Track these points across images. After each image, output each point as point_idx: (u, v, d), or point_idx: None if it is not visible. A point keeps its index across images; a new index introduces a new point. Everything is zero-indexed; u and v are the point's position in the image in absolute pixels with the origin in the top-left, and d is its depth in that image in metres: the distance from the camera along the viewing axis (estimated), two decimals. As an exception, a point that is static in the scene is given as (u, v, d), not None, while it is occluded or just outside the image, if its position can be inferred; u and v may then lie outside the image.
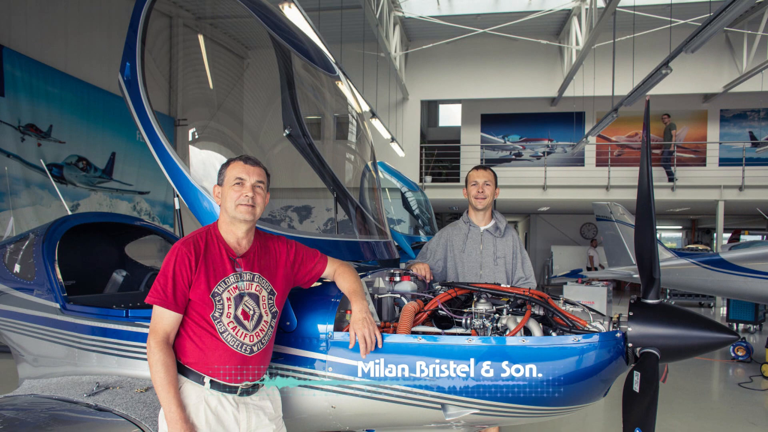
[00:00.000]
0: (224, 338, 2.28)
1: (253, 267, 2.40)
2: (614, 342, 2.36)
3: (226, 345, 2.29)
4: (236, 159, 2.44)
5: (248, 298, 2.34)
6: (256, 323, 2.34)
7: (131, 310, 3.07)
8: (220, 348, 2.29)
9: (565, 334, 2.45)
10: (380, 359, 2.42)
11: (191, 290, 2.27)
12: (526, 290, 2.77)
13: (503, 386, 2.36)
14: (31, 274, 3.70)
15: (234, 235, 2.39)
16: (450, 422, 2.48)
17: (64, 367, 3.38)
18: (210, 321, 2.28)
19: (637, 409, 2.27)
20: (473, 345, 2.39)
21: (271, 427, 2.41)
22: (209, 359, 2.28)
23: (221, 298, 2.29)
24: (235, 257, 2.37)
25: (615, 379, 2.46)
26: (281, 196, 3.54)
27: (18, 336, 3.83)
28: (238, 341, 2.30)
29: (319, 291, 2.67)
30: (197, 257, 2.29)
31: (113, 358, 3.10)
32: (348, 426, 2.69)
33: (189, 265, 2.27)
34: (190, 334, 2.29)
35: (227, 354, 2.29)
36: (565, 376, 2.33)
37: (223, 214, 2.41)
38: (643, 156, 2.40)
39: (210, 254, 2.33)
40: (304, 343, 2.53)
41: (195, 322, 2.29)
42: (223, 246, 2.37)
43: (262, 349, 2.37)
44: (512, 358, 2.36)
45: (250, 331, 2.32)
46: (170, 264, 2.27)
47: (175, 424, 2.18)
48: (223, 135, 3.48)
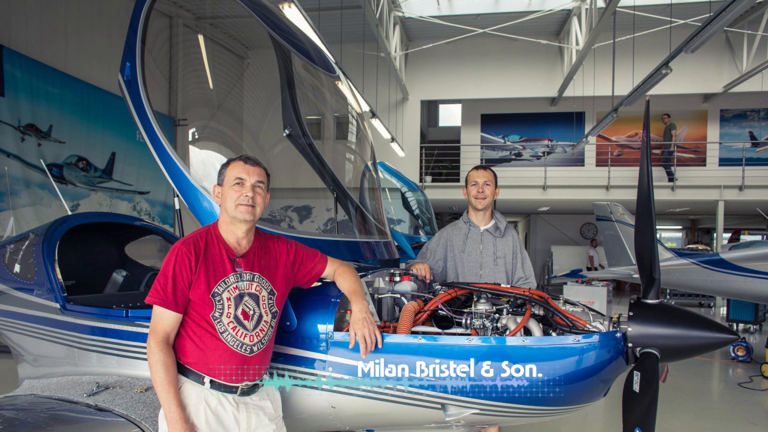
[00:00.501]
0: (224, 338, 2.28)
1: (253, 267, 2.40)
2: (614, 342, 2.36)
3: (226, 345, 2.29)
4: (236, 159, 2.44)
5: (248, 298, 2.34)
6: (256, 323, 2.34)
7: (131, 310, 3.07)
8: (220, 348, 2.29)
9: (565, 334, 2.45)
10: (380, 359, 2.42)
11: (191, 290, 2.27)
12: (526, 290, 2.77)
13: (503, 386, 2.36)
14: (31, 274, 3.70)
15: (234, 235, 2.39)
16: (450, 422, 2.48)
17: (64, 367, 3.38)
18: (210, 321, 2.28)
19: (637, 409, 2.27)
20: (473, 345, 2.39)
21: (271, 427, 2.41)
22: (209, 359, 2.28)
23: (221, 298, 2.29)
24: (235, 257, 2.37)
25: (615, 379, 2.46)
26: (281, 196, 3.54)
27: (18, 336, 3.83)
28: (238, 341, 2.30)
29: (319, 291, 2.67)
30: (197, 257, 2.29)
31: (113, 358, 3.10)
32: (348, 426, 2.69)
33: (189, 265, 2.27)
34: (190, 334, 2.29)
35: (227, 354, 2.29)
36: (565, 376, 2.33)
37: (223, 214, 2.41)
38: (643, 156, 2.40)
39: (210, 254, 2.33)
40: (304, 343, 2.53)
41: (195, 322, 2.29)
42: (223, 246, 2.37)
43: (262, 349, 2.37)
44: (512, 358, 2.35)
45: (250, 331, 2.32)
46: (170, 264, 2.27)
47: (175, 424, 2.18)
48: (223, 135, 3.48)
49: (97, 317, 3.19)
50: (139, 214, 11.81)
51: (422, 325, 2.66)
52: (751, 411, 6.07)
